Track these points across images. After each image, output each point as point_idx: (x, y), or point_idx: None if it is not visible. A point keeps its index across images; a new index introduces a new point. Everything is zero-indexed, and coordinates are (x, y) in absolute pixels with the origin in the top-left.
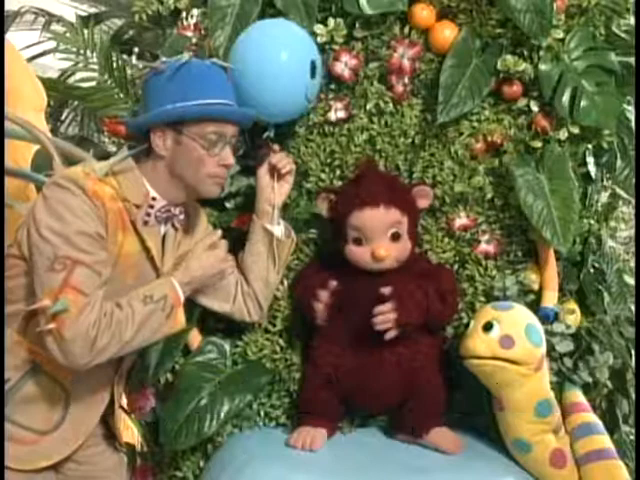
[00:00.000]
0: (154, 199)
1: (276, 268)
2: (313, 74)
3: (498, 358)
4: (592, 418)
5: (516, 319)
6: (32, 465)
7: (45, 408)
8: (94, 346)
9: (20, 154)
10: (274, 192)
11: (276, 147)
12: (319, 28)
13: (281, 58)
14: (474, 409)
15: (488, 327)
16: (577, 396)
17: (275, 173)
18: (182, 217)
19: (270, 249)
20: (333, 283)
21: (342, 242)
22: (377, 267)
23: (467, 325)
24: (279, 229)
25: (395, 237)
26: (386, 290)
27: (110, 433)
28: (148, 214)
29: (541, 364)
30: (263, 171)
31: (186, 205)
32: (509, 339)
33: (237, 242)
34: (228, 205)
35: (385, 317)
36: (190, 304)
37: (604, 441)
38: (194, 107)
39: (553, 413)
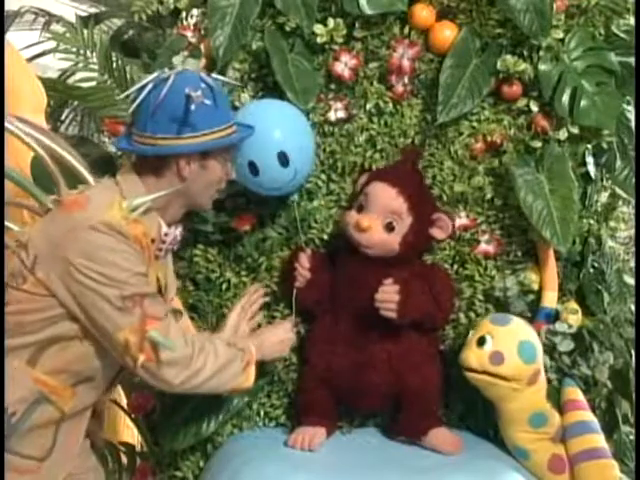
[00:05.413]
0: (166, 234)
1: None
2: (285, 163)
3: (488, 373)
4: (588, 416)
5: (510, 335)
6: None
7: (41, 434)
8: (190, 365)
9: (21, 158)
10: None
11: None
12: (319, 28)
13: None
14: (473, 409)
15: (482, 341)
16: (575, 393)
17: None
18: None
19: None
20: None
21: (349, 209)
22: (359, 240)
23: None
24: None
25: (388, 227)
26: (388, 280)
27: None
28: (160, 249)
29: (535, 379)
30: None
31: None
32: (499, 355)
33: (237, 242)
34: (228, 205)
35: (389, 296)
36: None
37: (598, 440)
38: (233, 137)
39: (550, 423)
